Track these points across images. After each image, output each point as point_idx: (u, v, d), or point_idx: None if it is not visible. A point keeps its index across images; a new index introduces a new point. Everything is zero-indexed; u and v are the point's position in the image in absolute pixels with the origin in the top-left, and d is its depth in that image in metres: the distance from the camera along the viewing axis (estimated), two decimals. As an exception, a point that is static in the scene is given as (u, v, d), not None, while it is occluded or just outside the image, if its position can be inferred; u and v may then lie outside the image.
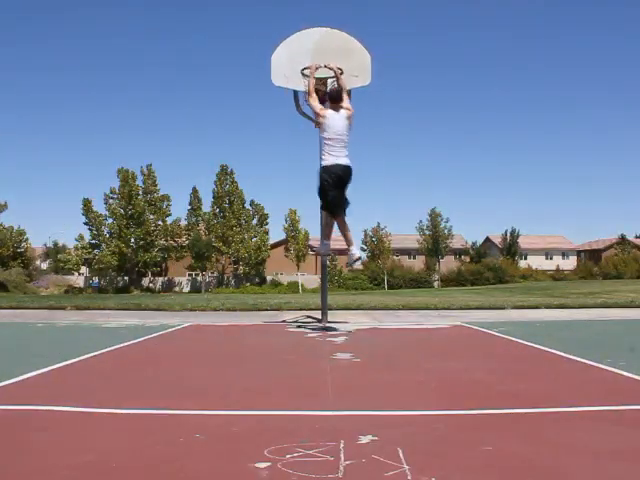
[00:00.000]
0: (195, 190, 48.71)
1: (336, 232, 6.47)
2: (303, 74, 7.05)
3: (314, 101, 6.28)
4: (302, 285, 44.20)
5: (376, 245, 52.94)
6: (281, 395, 3.02)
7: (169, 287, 47.87)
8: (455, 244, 58.01)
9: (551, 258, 68.28)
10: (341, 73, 6.65)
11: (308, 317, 8.75)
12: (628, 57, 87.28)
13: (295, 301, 12.04)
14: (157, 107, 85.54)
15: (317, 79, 6.71)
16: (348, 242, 6.28)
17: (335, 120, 6.13)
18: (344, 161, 6.07)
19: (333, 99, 6.27)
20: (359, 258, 6.56)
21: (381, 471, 1.80)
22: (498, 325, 6.98)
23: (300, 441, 2.10)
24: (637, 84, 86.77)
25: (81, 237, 47.80)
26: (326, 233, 6.50)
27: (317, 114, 6.29)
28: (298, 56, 7.11)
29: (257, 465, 1.85)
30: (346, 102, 6.32)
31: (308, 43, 7.14)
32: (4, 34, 77.41)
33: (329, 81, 7.13)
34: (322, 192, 6.11)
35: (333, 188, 6.02)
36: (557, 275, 55.12)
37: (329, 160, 6.03)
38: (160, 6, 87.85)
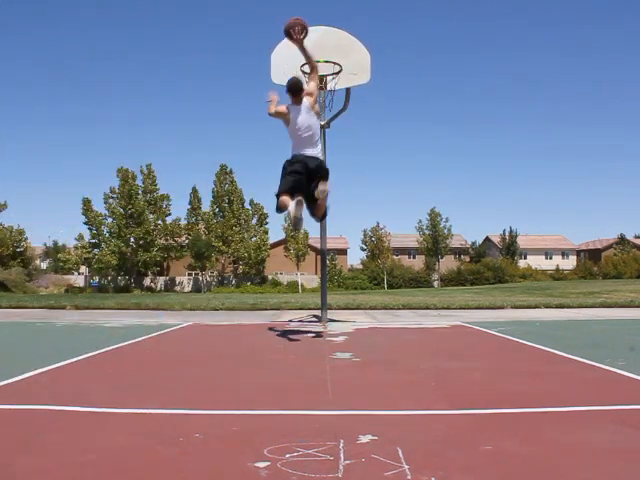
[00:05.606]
0: (195, 190, 48.74)
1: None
2: (303, 71, 7.06)
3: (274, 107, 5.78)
4: (302, 285, 44.22)
5: (376, 245, 52.95)
6: (281, 395, 3.02)
7: (170, 287, 47.87)
8: (455, 244, 58.04)
9: (551, 258, 68.23)
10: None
11: (308, 317, 8.75)
12: (626, 54, 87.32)
13: (295, 301, 12.05)
14: (157, 107, 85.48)
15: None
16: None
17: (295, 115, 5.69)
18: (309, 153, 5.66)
19: (291, 91, 5.72)
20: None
21: (381, 471, 1.80)
22: (498, 325, 6.98)
23: (300, 441, 2.10)
24: (637, 82, 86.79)
25: (81, 237, 47.77)
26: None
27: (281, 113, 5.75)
28: (298, 54, 7.12)
29: (257, 465, 1.85)
30: (309, 86, 5.72)
31: (308, 41, 7.15)
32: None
33: (329, 78, 7.11)
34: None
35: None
36: (557, 275, 55.10)
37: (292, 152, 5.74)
38: (161, 6, 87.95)
